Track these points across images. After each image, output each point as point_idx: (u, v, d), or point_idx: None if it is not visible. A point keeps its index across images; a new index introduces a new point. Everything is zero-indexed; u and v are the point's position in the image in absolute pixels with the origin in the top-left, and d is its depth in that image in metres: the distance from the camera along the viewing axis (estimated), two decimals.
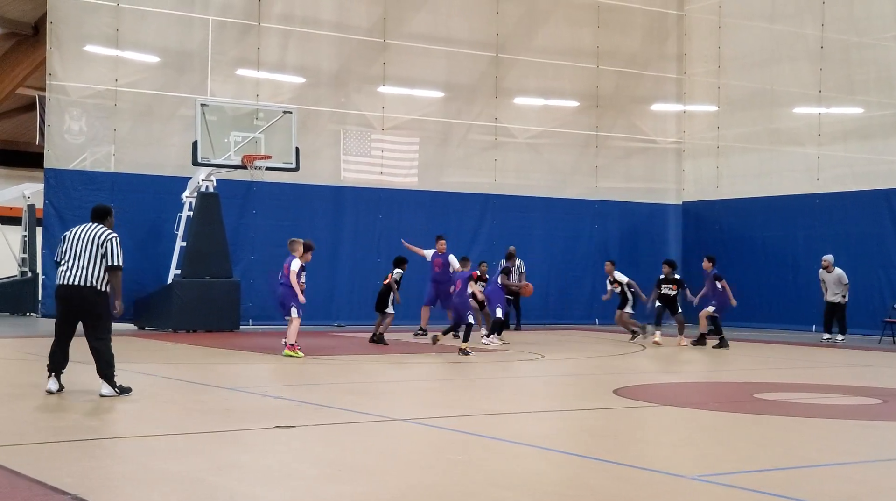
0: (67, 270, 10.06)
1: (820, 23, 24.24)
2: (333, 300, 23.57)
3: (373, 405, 10.20)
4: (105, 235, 10.15)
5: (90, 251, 10.05)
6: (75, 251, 10.10)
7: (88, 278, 10.01)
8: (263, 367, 14.49)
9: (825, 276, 20.94)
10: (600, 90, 27.07)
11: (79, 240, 10.14)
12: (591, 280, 26.89)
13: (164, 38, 22.96)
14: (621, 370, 14.90)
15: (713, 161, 27.19)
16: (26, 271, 27.41)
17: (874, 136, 23.60)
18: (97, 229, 10.22)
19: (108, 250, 10.08)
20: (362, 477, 6.62)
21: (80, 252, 10.06)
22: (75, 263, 10.06)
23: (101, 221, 10.35)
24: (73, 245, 10.13)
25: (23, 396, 10.53)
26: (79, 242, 10.13)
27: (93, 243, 10.07)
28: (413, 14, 25.28)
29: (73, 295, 10.05)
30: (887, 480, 7.04)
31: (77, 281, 10.01)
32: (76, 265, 10.04)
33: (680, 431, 9.18)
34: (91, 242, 10.08)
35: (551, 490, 6.30)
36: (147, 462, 7.08)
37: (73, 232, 10.29)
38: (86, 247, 10.07)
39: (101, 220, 10.36)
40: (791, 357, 17.44)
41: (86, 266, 10.02)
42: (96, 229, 10.22)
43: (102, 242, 10.08)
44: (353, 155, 24.56)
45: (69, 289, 10.06)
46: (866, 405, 11.07)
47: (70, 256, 10.11)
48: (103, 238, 10.11)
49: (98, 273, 10.05)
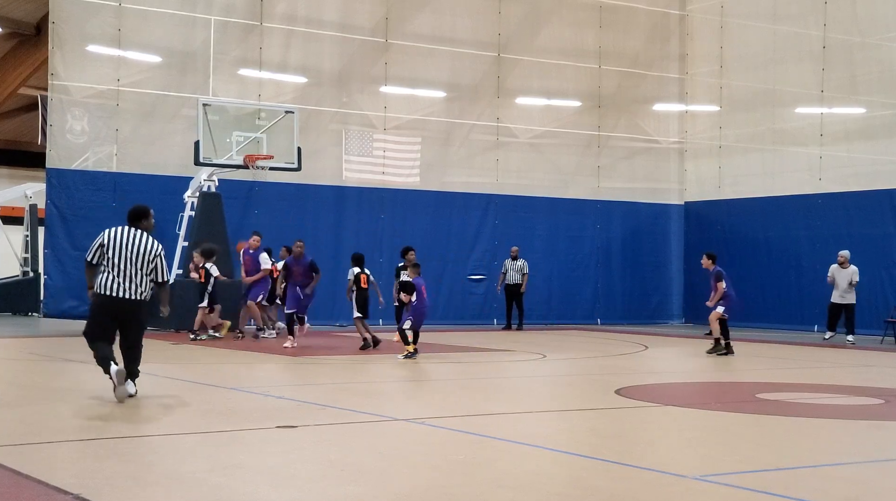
0: (113, 281, 9.74)
1: (822, 23, 24.23)
2: (335, 301, 23.56)
3: (375, 406, 10.20)
4: (154, 250, 9.91)
5: (137, 266, 9.79)
6: (122, 263, 9.76)
7: (137, 292, 9.82)
8: (265, 367, 14.49)
9: (838, 272, 20.58)
10: (602, 90, 27.07)
11: (124, 248, 9.79)
12: (593, 280, 26.93)
13: (166, 37, 22.98)
14: (623, 370, 14.90)
15: (715, 161, 27.19)
16: (28, 270, 27.41)
17: (877, 136, 23.59)
18: (144, 240, 9.91)
19: (158, 267, 9.94)
20: (365, 477, 6.62)
21: (127, 265, 9.77)
22: (124, 277, 9.75)
23: (139, 223, 10.00)
24: (118, 254, 9.77)
25: (25, 396, 10.54)
26: (124, 250, 9.78)
27: (141, 257, 9.81)
28: (415, 14, 25.29)
29: (123, 307, 9.82)
30: (888, 480, 7.04)
31: (127, 295, 9.76)
32: (125, 279, 9.75)
33: (682, 431, 9.17)
34: (138, 255, 9.81)
35: (554, 491, 6.30)
36: (150, 461, 7.09)
37: (115, 237, 9.86)
38: (132, 260, 9.78)
39: (138, 223, 10.00)
40: (793, 357, 17.43)
41: (134, 280, 9.78)
42: (143, 239, 9.90)
43: (152, 258, 9.89)
44: (355, 155, 24.57)
45: (117, 302, 9.78)
46: (868, 406, 11.07)
47: (115, 266, 9.75)
48: (153, 254, 9.90)
49: (147, 287, 9.91)
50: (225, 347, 17.03)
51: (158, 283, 10.00)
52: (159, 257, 9.95)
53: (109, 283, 9.74)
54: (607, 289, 27.10)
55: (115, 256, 9.76)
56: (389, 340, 17.68)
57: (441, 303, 23.80)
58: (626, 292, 27.31)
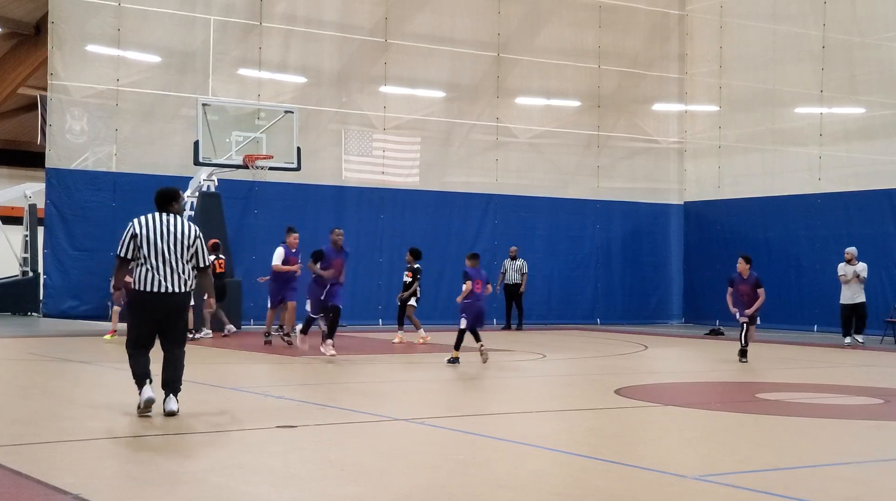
0: (153, 275, 8.80)
1: (822, 23, 24.23)
2: None
3: (375, 406, 10.19)
4: (192, 233, 9.00)
5: (178, 254, 8.88)
6: (160, 254, 8.83)
7: (181, 283, 8.92)
8: (265, 367, 14.49)
9: (847, 269, 20.06)
10: (602, 90, 27.07)
11: (160, 237, 8.85)
12: (593, 280, 26.94)
13: (165, 37, 22.99)
14: (623, 370, 14.90)
15: (715, 161, 27.19)
16: (28, 270, 27.39)
17: (876, 136, 23.59)
18: (179, 224, 8.98)
19: (199, 251, 9.03)
20: (365, 478, 6.62)
21: (167, 254, 8.84)
22: (164, 267, 8.82)
23: (170, 207, 9.06)
24: (154, 244, 8.82)
25: (26, 396, 10.54)
26: (161, 239, 8.84)
27: (179, 243, 8.89)
28: (415, 14, 25.29)
29: (167, 303, 8.86)
30: (888, 480, 7.04)
31: (171, 288, 8.83)
32: (168, 271, 8.83)
33: (682, 431, 9.17)
34: (176, 240, 8.88)
35: (555, 491, 6.30)
36: (149, 461, 7.08)
37: (148, 226, 8.88)
38: (172, 249, 8.87)
39: (168, 206, 9.05)
40: (793, 357, 17.42)
41: (176, 270, 8.87)
42: (178, 224, 8.97)
43: (192, 242, 8.97)
44: (354, 155, 24.58)
45: (162, 298, 8.83)
46: (868, 405, 11.07)
47: (154, 257, 8.81)
48: (192, 237, 8.98)
49: (189, 276, 8.99)
50: (225, 347, 17.03)
51: (200, 268, 9.10)
52: (199, 239, 9.06)
53: (149, 278, 8.82)
54: (607, 289, 27.09)
55: (151, 246, 8.82)
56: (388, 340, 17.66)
57: (440, 303, 23.78)
58: (626, 292, 27.31)
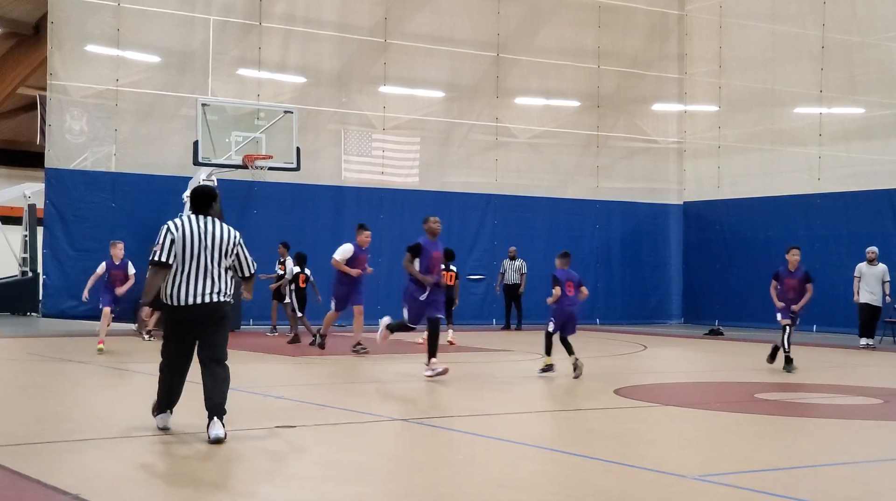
0: (187, 286, 7.92)
1: (821, 23, 24.22)
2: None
3: (375, 406, 10.20)
4: (233, 238, 8.12)
5: (216, 261, 8.01)
6: (196, 261, 7.95)
7: (221, 292, 8.03)
8: (264, 367, 14.49)
9: (866, 270, 19.49)
10: (601, 90, 27.07)
11: (197, 242, 7.97)
12: (592, 280, 26.84)
13: (165, 37, 22.98)
14: (622, 369, 14.91)
15: (714, 161, 27.19)
16: (27, 270, 27.40)
17: (875, 136, 23.59)
18: (218, 228, 8.10)
19: (242, 259, 8.18)
20: (364, 477, 6.62)
21: (205, 261, 7.97)
22: (201, 277, 7.95)
23: (209, 209, 8.18)
24: (192, 250, 7.94)
25: (26, 396, 10.53)
26: (198, 244, 7.97)
27: (217, 249, 8.02)
28: (414, 14, 25.29)
29: (203, 316, 7.97)
30: (888, 480, 7.04)
31: (207, 299, 7.94)
32: (204, 279, 7.95)
33: (681, 431, 9.17)
34: (216, 246, 8.01)
35: (554, 491, 6.30)
36: (149, 462, 7.08)
37: (186, 230, 7.99)
38: (210, 255, 7.99)
39: (208, 209, 8.18)
40: (792, 357, 17.38)
41: (212, 277, 7.98)
42: (217, 228, 8.09)
43: (231, 248, 8.09)
44: (354, 155, 24.58)
45: (201, 310, 7.95)
46: (867, 405, 11.07)
47: (190, 264, 7.94)
48: (232, 243, 8.10)
49: (229, 284, 8.12)
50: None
51: (245, 278, 8.31)
52: (240, 245, 8.18)
53: (182, 290, 7.95)
54: (607, 289, 27.07)
55: (188, 252, 7.95)
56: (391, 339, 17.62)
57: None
58: (626, 292, 27.31)
